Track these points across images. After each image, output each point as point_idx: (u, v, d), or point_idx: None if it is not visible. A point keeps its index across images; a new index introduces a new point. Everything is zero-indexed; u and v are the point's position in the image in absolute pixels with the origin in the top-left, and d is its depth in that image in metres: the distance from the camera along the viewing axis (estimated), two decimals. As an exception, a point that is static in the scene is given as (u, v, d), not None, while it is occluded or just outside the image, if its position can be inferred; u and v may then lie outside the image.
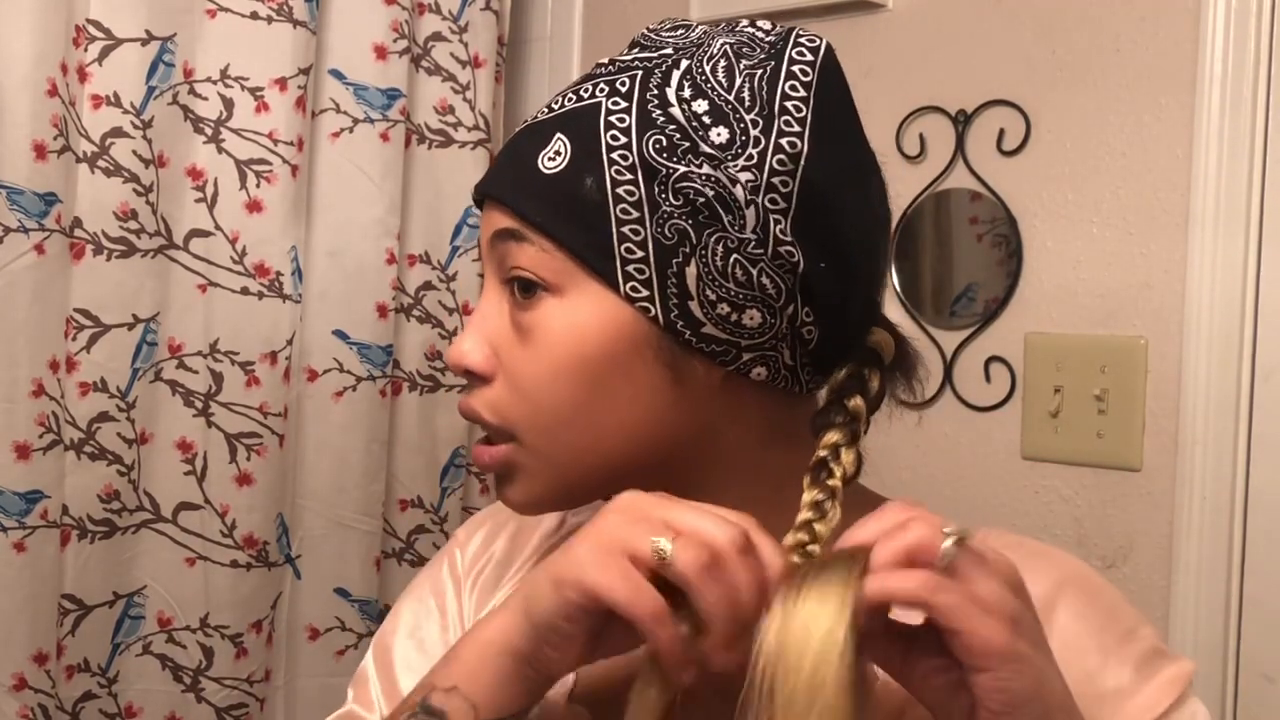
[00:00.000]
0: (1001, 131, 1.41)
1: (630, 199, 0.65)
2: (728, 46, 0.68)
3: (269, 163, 1.52)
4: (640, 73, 0.68)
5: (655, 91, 0.66)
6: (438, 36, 1.69)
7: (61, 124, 1.36)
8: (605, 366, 0.66)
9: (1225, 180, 1.25)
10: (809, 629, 0.54)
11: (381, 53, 1.61)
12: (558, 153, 0.66)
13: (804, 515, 0.64)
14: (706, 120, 0.65)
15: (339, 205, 1.60)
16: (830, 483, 0.66)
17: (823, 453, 0.67)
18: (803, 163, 0.65)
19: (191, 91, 1.50)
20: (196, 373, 1.51)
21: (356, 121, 1.61)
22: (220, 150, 1.51)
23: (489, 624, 0.63)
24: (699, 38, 0.69)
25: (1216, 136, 1.26)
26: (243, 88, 1.51)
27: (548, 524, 0.82)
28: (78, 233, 1.41)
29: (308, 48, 1.54)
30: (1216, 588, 1.26)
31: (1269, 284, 1.24)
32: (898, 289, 1.47)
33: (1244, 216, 1.24)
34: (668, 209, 0.65)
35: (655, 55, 0.69)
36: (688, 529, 0.57)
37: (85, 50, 1.40)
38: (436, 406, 1.72)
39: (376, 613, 1.67)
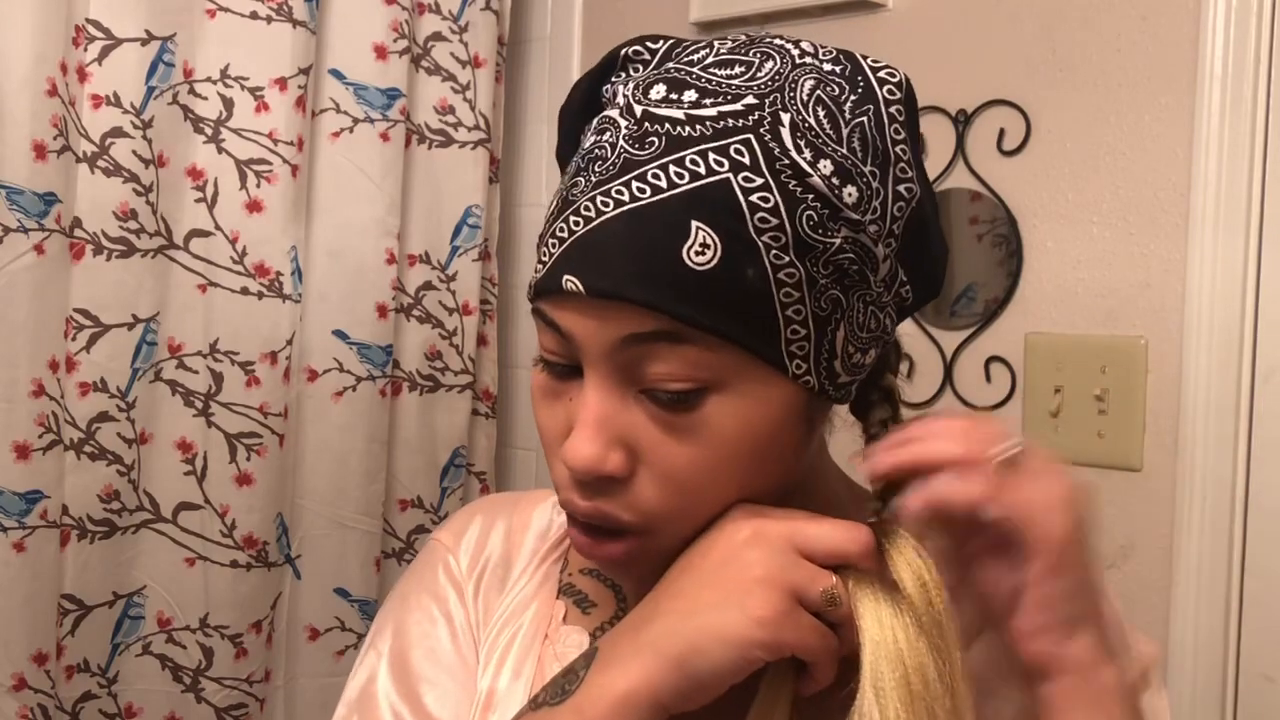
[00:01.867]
0: (1001, 131, 1.41)
1: (791, 281, 0.62)
2: (818, 90, 0.63)
3: (269, 163, 1.52)
4: (751, 136, 0.61)
5: (784, 160, 0.61)
6: (438, 36, 1.69)
7: (61, 124, 1.36)
8: (770, 446, 0.64)
9: (1225, 180, 1.25)
10: (901, 634, 0.60)
11: (381, 53, 1.61)
12: (706, 245, 0.60)
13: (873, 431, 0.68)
14: (836, 182, 0.62)
15: (339, 205, 1.60)
16: (886, 406, 0.69)
17: (874, 430, 0.69)
18: (914, 204, 0.65)
19: (191, 91, 1.49)
20: (196, 373, 1.51)
21: (356, 121, 1.61)
22: (220, 150, 1.51)
23: (615, 674, 0.60)
24: (772, 79, 0.63)
25: (1216, 136, 1.26)
26: (243, 88, 1.51)
27: (539, 523, 0.81)
28: (78, 233, 1.41)
29: (308, 48, 1.54)
30: (1216, 588, 1.26)
31: (1269, 284, 1.24)
32: (898, 289, 1.47)
33: (1244, 216, 1.24)
34: (823, 282, 0.63)
35: (741, 108, 0.62)
36: (829, 553, 0.61)
37: (85, 50, 1.40)
38: (436, 406, 1.72)
39: (376, 613, 1.67)
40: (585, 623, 0.76)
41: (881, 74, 0.66)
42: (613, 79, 0.68)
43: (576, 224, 0.63)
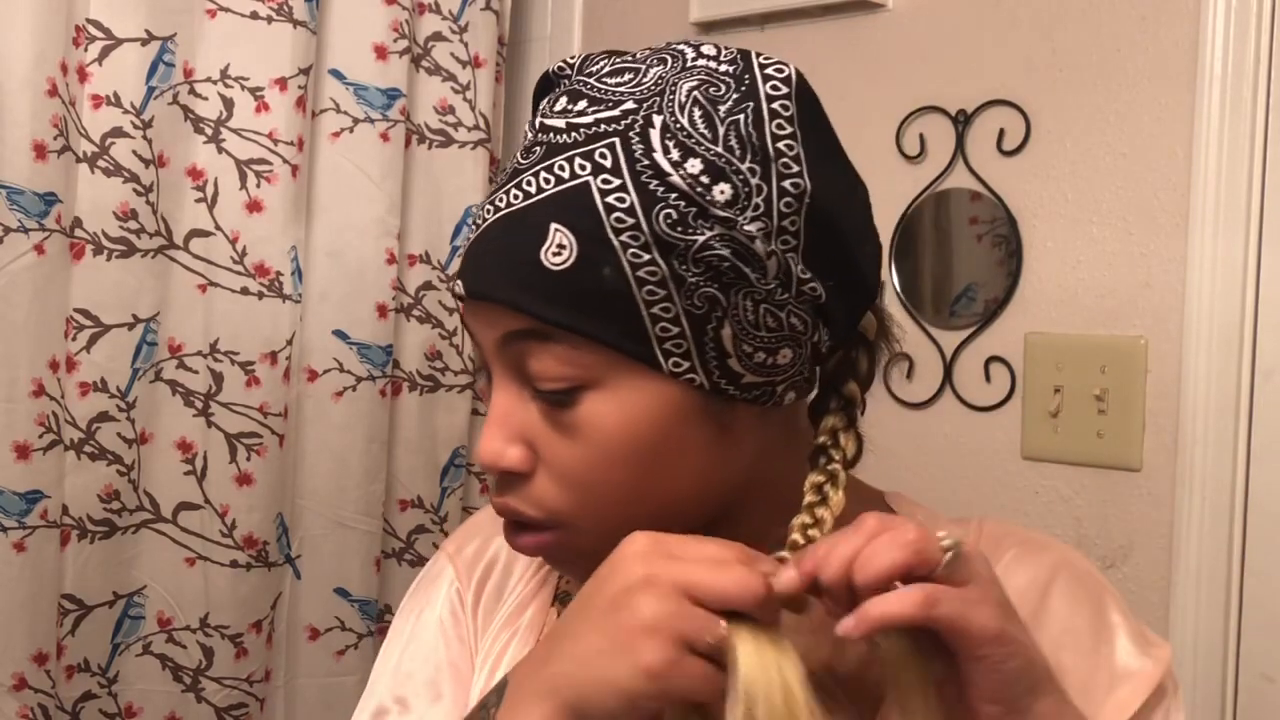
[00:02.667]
0: (1001, 131, 1.41)
1: (654, 279, 0.63)
2: (695, 92, 0.64)
3: (269, 163, 1.52)
4: (616, 140, 0.64)
5: (644, 161, 0.63)
6: (438, 36, 1.69)
7: (61, 124, 1.36)
8: (660, 444, 0.65)
9: (1225, 180, 1.25)
10: (778, 667, 0.58)
11: (381, 53, 1.61)
12: (562, 246, 0.63)
13: (808, 499, 0.66)
14: (706, 180, 0.63)
15: (339, 205, 1.60)
16: (831, 467, 0.67)
17: (822, 439, 0.68)
18: (807, 200, 0.64)
19: (191, 91, 1.50)
20: (196, 373, 1.51)
21: (356, 121, 1.61)
22: (220, 150, 1.51)
23: (519, 716, 0.61)
24: (655, 83, 0.65)
25: (1216, 136, 1.25)
26: (243, 88, 1.51)
27: None
28: (78, 233, 1.41)
29: (308, 48, 1.54)
30: (1216, 588, 1.26)
31: (1269, 284, 1.24)
32: (898, 289, 1.47)
33: (1244, 216, 1.24)
34: (693, 280, 0.63)
35: (618, 113, 0.65)
36: (720, 602, 0.59)
37: (85, 50, 1.40)
38: (436, 406, 1.72)
39: (376, 613, 1.67)
40: None
41: (769, 70, 0.66)
42: (545, 99, 0.71)
43: (471, 231, 0.68)
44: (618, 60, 0.68)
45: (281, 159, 1.52)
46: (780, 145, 0.64)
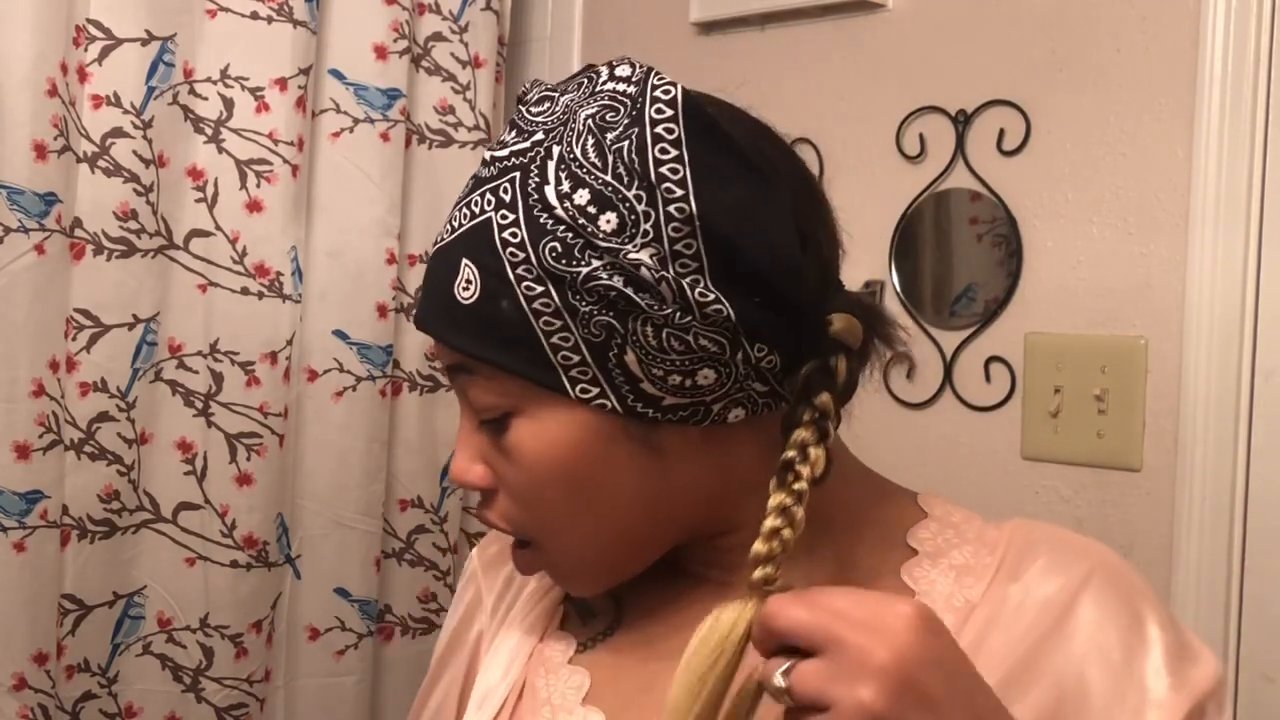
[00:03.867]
0: (1001, 131, 1.41)
1: (548, 310, 0.65)
2: (591, 121, 0.65)
3: (269, 163, 1.52)
4: (518, 174, 0.66)
5: (535, 195, 0.65)
6: (438, 36, 1.69)
7: (61, 124, 1.36)
8: (585, 466, 0.67)
9: (1225, 180, 1.25)
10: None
11: (381, 53, 1.61)
12: (469, 281, 0.66)
13: (770, 523, 0.62)
14: (592, 211, 0.63)
15: (339, 205, 1.60)
16: (796, 486, 0.63)
17: (790, 453, 0.64)
18: (697, 221, 0.62)
19: (191, 91, 1.50)
20: (196, 373, 1.51)
21: (357, 121, 1.61)
22: (220, 150, 1.51)
23: None
24: (564, 112, 0.67)
25: (1216, 136, 1.26)
26: (243, 88, 1.51)
27: None
28: (78, 233, 1.41)
29: (308, 48, 1.54)
30: (1216, 588, 1.26)
31: (1269, 284, 1.24)
32: (898, 289, 1.47)
33: (1244, 216, 1.24)
34: (586, 310, 0.64)
35: (528, 145, 0.67)
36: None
37: (85, 50, 1.40)
38: (436, 406, 1.72)
39: (376, 613, 1.67)
40: (581, 632, 0.77)
41: (656, 92, 0.64)
42: None
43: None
44: (546, 89, 0.70)
45: (281, 159, 1.52)
46: (664, 170, 0.63)
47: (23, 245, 1.34)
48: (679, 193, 0.62)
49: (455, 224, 0.69)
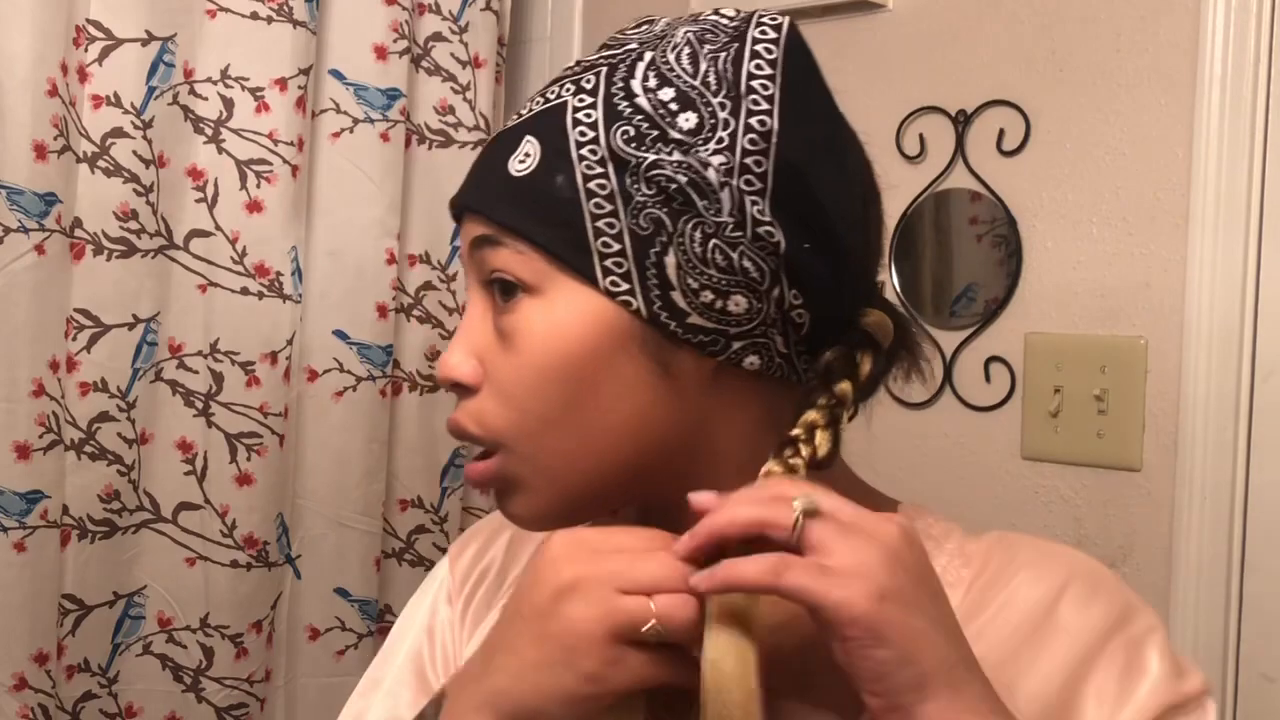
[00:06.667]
0: (1001, 131, 1.41)
1: (603, 193, 0.64)
2: (690, 34, 0.66)
3: (269, 163, 1.52)
4: (605, 68, 0.67)
5: (620, 85, 0.65)
6: (438, 36, 1.69)
7: (61, 124, 1.36)
8: (590, 365, 0.65)
9: (1225, 180, 1.25)
10: (729, 661, 0.57)
11: (381, 53, 1.61)
12: (527, 155, 0.66)
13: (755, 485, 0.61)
14: (674, 107, 0.64)
15: (339, 205, 1.60)
16: (793, 460, 0.62)
17: (797, 431, 0.64)
18: (775, 140, 0.63)
19: (192, 91, 1.50)
20: (196, 373, 1.51)
21: (356, 121, 1.61)
22: (220, 150, 1.51)
23: None
24: (663, 30, 0.69)
25: (1216, 136, 1.26)
26: (243, 88, 1.51)
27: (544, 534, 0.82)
28: (78, 233, 1.41)
29: (308, 48, 1.54)
30: (1216, 588, 1.26)
31: (1269, 284, 1.24)
32: (898, 289, 1.47)
33: (1244, 216, 1.25)
34: (641, 199, 0.63)
35: (620, 51, 0.68)
36: (646, 587, 0.58)
37: (85, 50, 1.40)
38: (436, 406, 1.72)
39: (376, 613, 1.67)
40: None
41: (764, 19, 0.67)
42: None
43: None
44: (648, 17, 0.72)
45: (281, 159, 1.52)
46: (755, 84, 0.64)
47: (23, 245, 1.34)
48: (764, 107, 0.64)
49: (524, 111, 0.69)
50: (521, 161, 0.66)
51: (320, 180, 1.59)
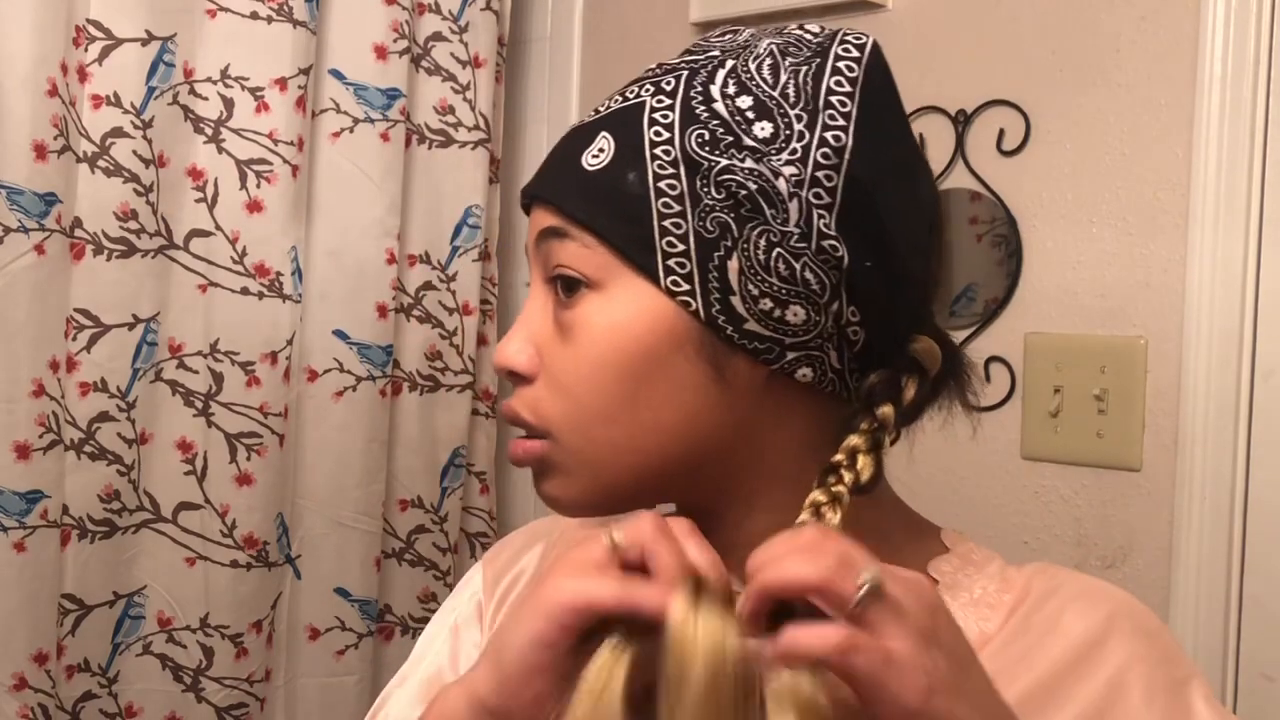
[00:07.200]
0: (1001, 131, 1.41)
1: (672, 193, 0.65)
2: (774, 46, 0.68)
3: (269, 163, 1.52)
4: (686, 72, 0.68)
5: (700, 89, 0.67)
6: (438, 36, 1.69)
7: (61, 124, 1.36)
8: (646, 362, 0.66)
9: (1225, 180, 1.25)
10: (705, 644, 0.53)
11: (381, 53, 1.61)
12: (601, 150, 0.67)
13: (801, 518, 0.62)
14: (750, 115, 0.65)
15: (339, 205, 1.60)
16: (836, 488, 0.63)
17: (839, 456, 0.64)
18: (848, 157, 0.64)
19: (192, 91, 1.50)
20: (196, 373, 1.51)
21: (356, 121, 1.61)
22: (220, 150, 1.51)
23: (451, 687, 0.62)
24: (747, 40, 0.69)
25: (1216, 136, 1.26)
26: (243, 88, 1.51)
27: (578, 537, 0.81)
28: (78, 233, 1.41)
29: (308, 48, 1.54)
30: (1216, 588, 1.26)
31: (1269, 284, 1.24)
32: (898, 289, 1.47)
33: (1244, 216, 1.24)
34: (709, 202, 0.64)
35: (702, 57, 0.69)
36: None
37: (85, 50, 1.40)
38: (436, 406, 1.72)
39: (376, 613, 1.67)
40: None
41: (848, 37, 0.68)
42: None
43: None
44: (733, 26, 0.73)
45: (281, 159, 1.52)
46: (833, 100, 0.65)
47: (23, 245, 1.34)
48: (840, 123, 0.64)
49: (601, 108, 0.70)
50: (595, 156, 0.67)
51: (320, 180, 1.60)
